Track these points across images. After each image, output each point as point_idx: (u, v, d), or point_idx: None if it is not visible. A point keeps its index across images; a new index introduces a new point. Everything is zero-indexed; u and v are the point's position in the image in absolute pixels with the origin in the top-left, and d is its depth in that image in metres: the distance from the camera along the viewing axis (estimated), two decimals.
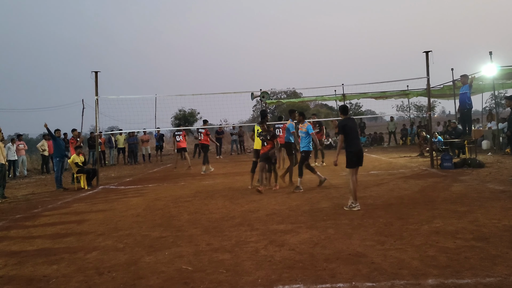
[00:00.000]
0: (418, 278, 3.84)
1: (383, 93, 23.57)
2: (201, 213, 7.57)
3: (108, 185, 13.08)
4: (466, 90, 12.61)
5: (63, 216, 8.24)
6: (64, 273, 4.68)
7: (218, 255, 4.96)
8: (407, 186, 9.07)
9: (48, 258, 5.30)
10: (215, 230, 6.21)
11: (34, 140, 40.23)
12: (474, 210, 6.45)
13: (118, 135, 22.64)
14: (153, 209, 8.32)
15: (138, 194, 10.54)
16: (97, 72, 13.00)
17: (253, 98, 25.67)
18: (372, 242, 5.06)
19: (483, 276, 3.79)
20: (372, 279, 3.91)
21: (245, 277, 4.18)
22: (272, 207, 7.72)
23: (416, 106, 36.86)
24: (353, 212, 6.85)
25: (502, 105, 47.05)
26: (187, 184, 12.08)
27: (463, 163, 11.87)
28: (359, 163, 7.29)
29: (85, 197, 10.68)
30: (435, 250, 4.64)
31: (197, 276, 4.32)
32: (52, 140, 13.65)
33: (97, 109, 13.05)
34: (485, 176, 9.90)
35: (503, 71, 15.58)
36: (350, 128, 7.27)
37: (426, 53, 12.69)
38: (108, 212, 8.30)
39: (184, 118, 36.23)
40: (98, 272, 4.65)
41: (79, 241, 6.13)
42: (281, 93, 40.94)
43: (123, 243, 5.83)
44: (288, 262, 4.53)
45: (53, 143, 13.28)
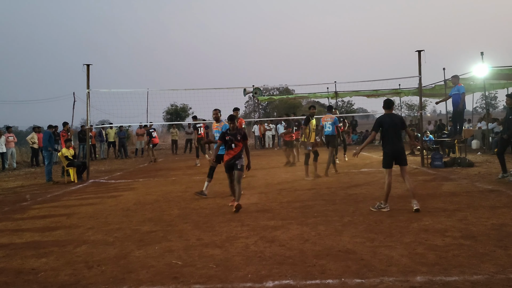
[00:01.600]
0: (407, 275, 3.87)
1: (375, 91, 23.65)
2: (191, 208, 7.56)
3: (98, 178, 13.00)
4: (457, 91, 12.71)
5: (53, 209, 8.18)
6: (53, 266, 4.65)
7: (208, 250, 4.96)
8: (397, 184, 9.11)
9: (37, 251, 5.26)
10: (205, 225, 6.20)
11: (24, 133, 39.86)
12: (463, 208, 6.51)
13: (108, 129, 22.49)
14: (144, 203, 8.29)
15: (129, 188, 10.50)
16: (89, 65, 12.89)
17: (245, 94, 25.61)
18: (362, 239, 5.09)
19: (471, 274, 3.83)
20: (362, 275, 3.94)
21: (235, 272, 4.19)
22: (263, 203, 7.73)
23: (407, 105, 37.07)
24: (343, 209, 6.88)
25: (492, 105, 47.58)
26: (178, 179, 12.04)
27: (453, 162, 11.98)
28: (397, 162, 6.84)
29: (75, 191, 10.61)
30: (424, 247, 4.68)
31: (187, 270, 4.31)
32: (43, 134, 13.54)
33: (88, 102, 12.96)
34: (474, 175, 10.00)
35: (494, 72, 15.71)
36: (388, 125, 6.78)
37: (418, 52, 12.74)
38: (98, 206, 8.25)
39: (176, 113, 36.12)
40: (88, 265, 4.62)
41: (68, 234, 6.09)
42: (273, 90, 40.88)
43: (113, 237, 5.80)
44: (278, 258, 4.54)
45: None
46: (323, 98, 26.14)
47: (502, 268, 3.93)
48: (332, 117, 11.39)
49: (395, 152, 6.77)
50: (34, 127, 19.23)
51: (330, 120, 11.29)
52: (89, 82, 12.89)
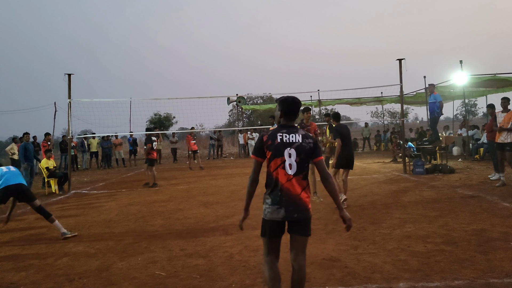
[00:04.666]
0: (390, 282, 3.90)
1: (358, 99, 23.96)
2: (175, 218, 7.50)
3: (80, 189, 12.82)
4: (434, 100, 12.98)
5: (33, 221, 8.03)
6: (33, 280, 4.56)
7: (192, 261, 4.92)
8: (380, 191, 9.21)
9: (16, 265, 5.16)
10: (189, 235, 6.16)
11: (3, 143, 39.17)
12: (444, 214, 6.60)
13: (91, 139, 22.24)
14: (126, 214, 8.19)
15: (111, 199, 10.37)
16: (70, 74, 12.75)
17: (229, 103, 25.72)
18: (345, 247, 5.12)
19: (452, 279, 3.88)
20: (346, 283, 3.96)
21: (219, 282, 4.17)
22: None
23: (390, 112, 37.61)
24: (327, 217, 6.91)
25: (472, 112, 48.51)
26: (162, 189, 11.95)
27: (435, 168, 12.15)
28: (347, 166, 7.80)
29: (56, 202, 10.43)
30: (407, 254, 4.72)
31: (170, 281, 4.27)
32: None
33: (69, 112, 12.80)
34: (455, 181, 10.15)
35: (473, 80, 16.04)
36: (345, 133, 7.81)
37: (399, 61, 12.94)
38: (79, 217, 8.13)
39: (160, 122, 35.94)
40: (69, 278, 4.54)
41: (49, 247, 5.99)
42: (257, 98, 41.05)
43: (94, 249, 5.72)
44: (263, 267, 4.53)
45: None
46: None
47: (482, 273, 4.00)
48: None
49: (349, 156, 7.75)
50: (14, 138, 18.91)
51: None
52: (70, 91, 12.74)
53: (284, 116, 3.29)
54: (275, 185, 3.21)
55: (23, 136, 13.45)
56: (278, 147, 3.16)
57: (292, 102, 3.28)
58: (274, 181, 3.21)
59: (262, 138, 3.22)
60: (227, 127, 37.26)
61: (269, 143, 3.19)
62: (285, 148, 3.16)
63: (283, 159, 3.16)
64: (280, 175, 3.18)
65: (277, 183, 3.19)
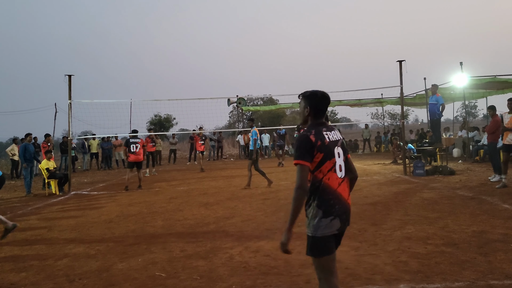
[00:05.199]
0: (391, 283, 3.90)
1: (358, 101, 23.90)
2: (175, 219, 7.50)
3: (80, 190, 12.82)
4: (434, 101, 12.98)
5: (33, 222, 8.03)
6: (33, 281, 4.55)
7: (192, 262, 4.92)
8: (380, 193, 9.21)
9: (16, 265, 5.15)
10: (189, 236, 6.16)
11: (3, 144, 39.18)
12: (444, 216, 6.59)
13: (91, 140, 22.25)
14: (127, 215, 8.19)
15: (111, 200, 10.37)
16: (70, 75, 12.76)
17: (229, 104, 25.70)
18: (346, 248, 5.11)
19: (452, 281, 3.88)
20: (346, 284, 3.95)
21: (219, 284, 4.16)
22: (247, 213, 7.72)
23: (390, 114, 37.57)
24: None
25: (472, 114, 48.53)
26: (162, 190, 11.95)
27: (435, 170, 12.14)
28: None
29: (56, 203, 10.43)
30: (407, 255, 4.72)
31: (171, 282, 4.27)
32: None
33: (70, 113, 12.80)
34: (455, 183, 10.15)
35: (473, 81, 16.04)
36: None
37: (399, 63, 12.95)
38: (79, 218, 8.13)
39: (160, 123, 35.93)
40: (69, 279, 4.54)
41: (49, 247, 5.98)
42: (257, 100, 41.05)
43: (95, 249, 5.71)
44: (263, 268, 4.53)
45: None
46: None
47: (482, 275, 3.99)
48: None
49: None
50: (14, 139, 18.91)
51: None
52: (70, 93, 12.75)
53: (315, 113, 2.85)
54: (326, 193, 2.72)
55: (26, 136, 13.45)
56: (329, 147, 2.75)
57: (323, 96, 2.87)
58: (324, 188, 2.72)
59: (309, 138, 2.71)
60: (228, 129, 37.27)
61: (319, 143, 2.71)
62: (334, 148, 2.78)
63: (334, 161, 2.76)
64: (331, 180, 2.73)
65: (329, 189, 2.71)
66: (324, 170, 2.72)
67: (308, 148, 2.70)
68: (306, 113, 2.88)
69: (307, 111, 2.86)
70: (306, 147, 2.70)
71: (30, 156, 12.61)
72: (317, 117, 2.85)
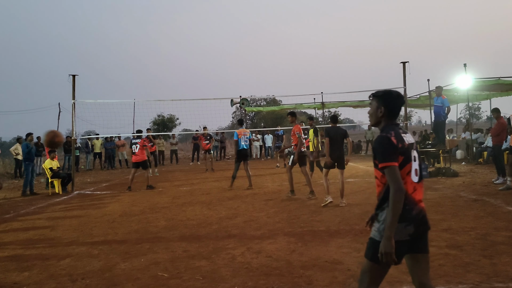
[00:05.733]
0: (393, 285, 3.89)
1: (361, 102, 23.86)
2: (178, 220, 7.50)
3: (83, 190, 12.85)
4: (440, 103, 12.94)
5: (36, 221, 8.05)
6: (36, 280, 4.56)
7: (195, 262, 4.92)
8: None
9: (19, 265, 5.16)
10: (192, 237, 6.16)
11: (7, 144, 39.27)
12: (448, 218, 6.57)
13: (94, 140, 22.31)
14: (130, 215, 8.20)
15: (114, 200, 10.39)
16: (74, 75, 12.79)
17: (232, 104, 25.69)
18: (348, 249, 5.10)
19: (456, 283, 3.86)
20: (348, 286, 3.94)
21: (221, 284, 4.16)
22: (249, 214, 7.71)
23: None
24: (330, 219, 6.89)
25: (476, 116, 48.37)
26: (165, 190, 11.97)
27: (438, 172, 12.11)
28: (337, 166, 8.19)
29: (59, 203, 10.46)
30: None
31: (173, 283, 4.27)
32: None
33: (73, 113, 12.84)
34: (458, 185, 10.11)
35: (477, 83, 15.99)
36: (334, 135, 8.18)
37: (403, 64, 12.93)
38: (82, 218, 8.15)
39: (163, 123, 35.98)
40: (71, 279, 4.55)
41: (52, 247, 5.99)
42: (260, 100, 41.04)
43: (97, 249, 5.72)
44: (265, 269, 4.53)
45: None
46: (310, 109, 26.35)
47: (487, 277, 3.97)
48: (247, 131, 11.60)
49: (338, 157, 8.11)
50: (18, 138, 18.95)
51: (248, 133, 11.54)
52: (74, 92, 12.78)
53: (390, 113, 2.72)
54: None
55: (27, 136, 13.47)
56: (409, 150, 2.63)
57: (398, 95, 2.74)
58: None
59: (391, 140, 2.58)
60: (231, 129, 37.25)
61: (400, 145, 2.58)
62: (411, 151, 2.66)
63: (411, 165, 2.63)
64: (407, 184, 2.60)
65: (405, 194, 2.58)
66: (403, 174, 2.60)
67: (393, 149, 2.58)
68: (379, 114, 2.75)
69: (380, 111, 2.73)
70: (390, 148, 2.58)
71: (32, 156, 12.64)
72: (392, 117, 2.73)
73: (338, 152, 8.12)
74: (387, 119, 2.73)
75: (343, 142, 8.36)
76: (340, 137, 8.20)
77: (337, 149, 8.12)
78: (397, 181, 2.51)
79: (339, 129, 8.38)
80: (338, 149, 8.15)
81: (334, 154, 8.08)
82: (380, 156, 2.59)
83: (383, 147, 2.59)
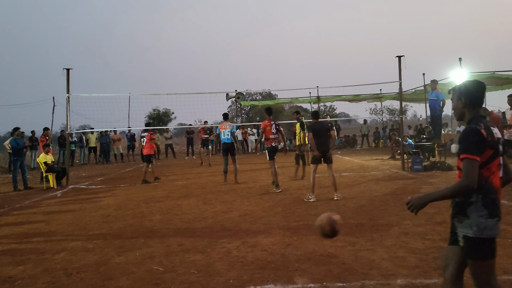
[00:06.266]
0: (388, 278, 3.91)
1: (357, 96, 23.90)
2: (173, 214, 7.50)
3: (78, 184, 12.81)
4: (435, 97, 12.96)
5: (31, 215, 8.03)
6: (31, 274, 4.55)
7: (190, 256, 4.92)
8: (378, 188, 9.22)
9: (14, 259, 5.15)
10: (187, 231, 6.16)
11: (1, 138, 39.09)
12: (442, 211, 6.60)
13: (89, 134, 22.22)
14: (125, 209, 8.19)
15: (109, 194, 10.36)
16: (68, 69, 12.71)
17: (228, 99, 25.64)
18: (343, 243, 5.12)
19: None
20: (343, 279, 3.96)
21: (216, 278, 4.16)
22: (244, 208, 7.72)
23: (388, 109, 37.56)
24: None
25: None
26: (160, 184, 11.95)
27: (433, 166, 12.15)
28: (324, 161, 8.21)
29: (54, 197, 10.42)
30: (405, 250, 4.72)
31: (168, 276, 4.27)
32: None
33: (68, 107, 12.77)
34: (453, 178, 10.07)
35: (472, 77, 16.00)
36: (319, 129, 8.22)
37: (398, 58, 12.93)
38: (77, 212, 8.12)
39: (159, 117, 35.86)
40: (66, 273, 4.54)
41: (47, 241, 5.98)
42: (256, 94, 40.98)
43: (92, 243, 5.71)
44: (260, 263, 4.54)
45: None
46: (306, 103, 26.37)
47: None
48: (231, 125, 11.40)
49: (324, 152, 8.13)
50: (12, 132, 18.83)
51: (229, 127, 11.27)
52: (69, 86, 12.71)
53: (473, 103, 2.59)
54: (492, 192, 2.49)
55: (14, 131, 13.22)
56: (497, 144, 2.49)
57: (477, 83, 2.62)
58: (489, 186, 2.48)
59: (480, 132, 2.43)
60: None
61: (490, 138, 2.44)
62: (499, 145, 2.52)
63: (499, 159, 2.51)
64: (496, 179, 2.49)
65: (494, 188, 2.48)
66: (492, 168, 2.49)
67: (478, 143, 2.43)
68: (461, 106, 2.64)
69: (461, 103, 2.63)
70: (476, 141, 2.44)
71: (20, 151, 12.51)
72: (475, 107, 2.59)
73: (324, 147, 8.14)
74: (471, 109, 2.60)
75: (328, 136, 8.31)
76: (325, 131, 8.23)
77: (322, 143, 8.14)
78: (471, 176, 2.40)
79: (323, 124, 8.46)
80: (324, 143, 8.16)
81: (320, 148, 8.10)
82: (463, 147, 2.47)
83: (470, 139, 2.46)
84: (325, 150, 8.12)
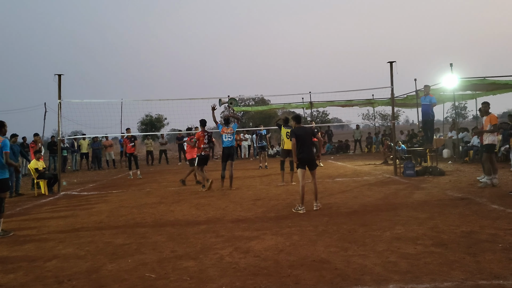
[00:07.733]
0: (380, 284, 3.92)
1: (349, 102, 24.00)
2: (166, 220, 7.47)
3: (70, 191, 12.72)
4: (428, 102, 13.07)
5: (22, 222, 7.96)
6: (22, 282, 4.51)
7: (182, 262, 4.90)
8: (370, 193, 9.25)
9: (4, 267, 5.10)
10: (179, 237, 6.14)
11: None
12: (434, 216, 6.64)
13: (81, 140, 22.10)
14: (117, 215, 8.14)
15: (101, 201, 10.30)
16: (60, 75, 12.66)
17: (221, 104, 25.61)
18: (336, 249, 5.13)
19: (441, 281, 3.90)
20: (336, 285, 3.96)
21: (209, 284, 4.15)
22: (237, 213, 7.71)
23: (381, 114, 37.79)
24: (317, 218, 6.91)
25: (462, 115, 48.92)
26: (153, 190, 11.90)
27: (425, 171, 12.22)
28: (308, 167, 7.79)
29: (45, 203, 10.35)
30: (397, 256, 4.74)
31: (160, 283, 4.25)
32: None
33: (59, 113, 12.70)
34: (445, 183, 10.22)
35: (463, 82, 16.17)
36: (303, 135, 7.78)
37: (390, 64, 13.02)
38: (69, 218, 8.07)
39: (151, 123, 35.77)
40: (58, 280, 4.50)
41: (38, 248, 5.92)
42: (249, 100, 41.05)
43: (84, 250, 5.67)
44: (253, 269, 4.53)
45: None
46: (299, 109, 26.40)
47: (471, 275, 4.02)
48: (232, 130, 11.17)
49: (309, 158, 7.75)
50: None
51: (231, 131, 11.12)
52: (60, 92, 12.64)
53: None
54: None
55: (11, 137, 13.20)
56: None
57: None
58: None
59: None
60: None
61: None
62: None
63: None
64: None
65: None
66: None
67: None
68: None
69: None
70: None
71: (16, 157, 12.41)
72: None
73: (307, 153, 7.71)
74: None
75: (312, 142, 7.93)
76: (309, 137, 7.80)
77: (305, 150, 7.70)
78: None
79: (306, 129, 8.06)
80: (307, 149, 7.72)
81: (303, 154, 7.66)
82: None
83: None
84: (308, 158, 7.70)
